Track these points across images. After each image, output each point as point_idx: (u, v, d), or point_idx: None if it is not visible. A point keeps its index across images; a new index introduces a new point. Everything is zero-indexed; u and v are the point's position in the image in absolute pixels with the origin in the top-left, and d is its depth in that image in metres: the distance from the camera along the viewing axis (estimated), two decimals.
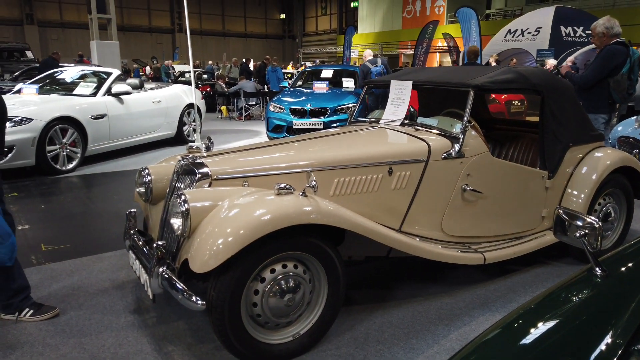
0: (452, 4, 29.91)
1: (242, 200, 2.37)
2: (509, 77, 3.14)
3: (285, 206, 2.28)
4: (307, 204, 2.32)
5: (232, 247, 2.16)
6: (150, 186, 2.99)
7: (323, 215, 2.34)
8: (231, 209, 2.31)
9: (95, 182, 6.25)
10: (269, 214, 2.23)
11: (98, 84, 7.42)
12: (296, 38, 44.58)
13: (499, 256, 3.09)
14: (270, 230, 2.20)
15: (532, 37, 20.74)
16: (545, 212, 3.41)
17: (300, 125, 8.64)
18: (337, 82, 10.12)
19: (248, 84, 12.92)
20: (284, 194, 2.34)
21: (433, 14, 30.47)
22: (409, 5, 32.51)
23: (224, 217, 2.28)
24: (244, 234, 2.17)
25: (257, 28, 43.79)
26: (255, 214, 2.24)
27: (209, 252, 2.18)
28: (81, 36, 30.60)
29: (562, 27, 20.05)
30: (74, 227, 4.50)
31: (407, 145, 3.00)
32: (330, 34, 40.96)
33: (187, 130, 9.07)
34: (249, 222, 2.20)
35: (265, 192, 2.44)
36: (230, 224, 2.23)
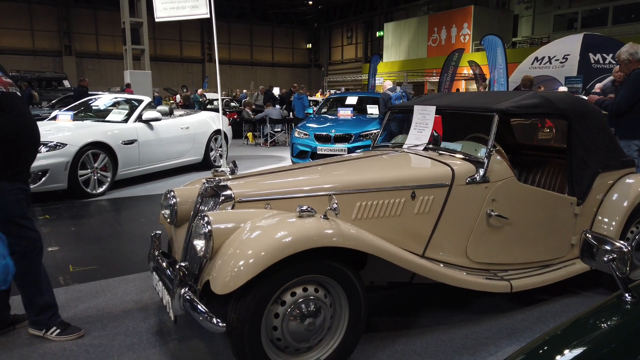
0: (477, 33, 29.99)
1: (263, 223, 2.38)
2: (534, 101, 3.11)
3: (306, 229, 2.28)
4: (328, 226, 2.32)
5: (253, 270, 2.16)
6: (175, 208, 3.04)
7: (344, 238, 2.33)
8: (253, 231, 2.33)
9: (123, 206, 6.38)
10: (290, 236, 2.23)
11: (130, 110, 7.65)
12: (322, 67, 45.26)
13: (527, 284, 3.00)
14: (291, 253, 2.20)
15: (559, 64, 20.55)
16: (575, 240, 3.31)
17: (324, 151, 8.69)
18: (362, 108, 10.20)
19: (274, 110, 13.12)
20: (305, 217, 2.35)
21: (458, 42, 30.59)
22: (434, 34, 32.75)
23: (245, 239, 2.30)
24: (265, 256, 2.18)
25: (284, 57, 44.69)
26: (277, 236, 2.24)
27: (230, 274, 2.19)
28: (115, 66, 31.76)
29: (590, 54, 19.81)
30: (102, 249, 4.58)
31: (431, 169, 2.98)
32: (356, 63, 41.47)
33: (213, 155, 9.22)
34: (270, 244, 2.21)
35: (287, 214, 2.45)
36: (251, 246, 2.24)
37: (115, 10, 20.04)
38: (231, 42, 41.33)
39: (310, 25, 45.00)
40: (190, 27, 38.96)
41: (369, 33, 40.72)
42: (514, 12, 32.10)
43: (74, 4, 33.55)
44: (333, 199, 2.38)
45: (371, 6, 39.51)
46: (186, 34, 39.46)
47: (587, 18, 27.12)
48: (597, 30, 22.96)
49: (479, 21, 30.39)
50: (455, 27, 31.39)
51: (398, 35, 35.00)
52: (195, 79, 37.09)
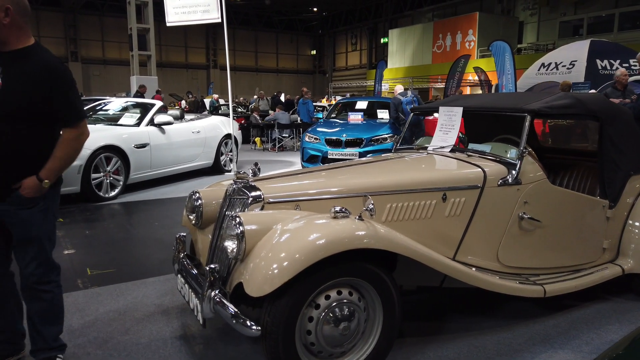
0: (482, 39, 29.99)
1: (297, 224, 2.32)
2: (565, 102, 3.05)
3: (341, 230, 2.22)
4: (363, 228, 2.26)
5: (288, 272, 2.10)
6: (201, 210, 2.98)
7: (380, 240, 2.27)
8: (286, 233, 2.27)
9: (136, 209, 6.33)
10: (325, 238, 2.17)
11: (141, 114, 7.62)
12: (326, 73, 45.32)
13: (560, 289, 2.93)
14: (326, 255, 2.14)
15: (566, 70, 20.46)
16: (607, 244, 3.24)
17: (335, 156, 8.64)
18: (371, 113, 10.15)
19: (283, 115, 13.10)
20: (340, 218, 2.29)
21: (463, 49, 30.57)
22: (439, 40, 32.77)
23: (279, 241, 2.24)
24: (300, 259, 2.12)
25: (288, 64, 44.80)
26: (311, 238, 2.18)
27: (264, 277, 2.13)
28: (121, 72, 31.88)
29: (597, 61, 19.72)
30: (118, 253, 4.53)
31: (461, 171, 2.92)
32: (360, 69, 41.52)
33: (224, 160, 9.18)
34: (305, 246, 2.15)
35: (320, 215, 2.39)
36: (286, 248, 2.18)
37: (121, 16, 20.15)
38: (236, 49, 41.45)
39: (314, 32, 45.13)
40: (195, 34, 39.13)
41: (373, 39, 40.79)
42: (519, 19, 32.09)
43: (81, 10, 33.72)
44: (369, 200, 2.32)
45: (376, 13, 39.62)
46: (191, 41, 39.61)
47: (592, 25, 27.08)
48: (603, 36, 22.90)
49: (484, 27, 30.39)
50: (460, 33, 31.41)
51: (403, 42, 35.05)
52: (200, 85, 37.20)
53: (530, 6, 31.44)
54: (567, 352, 2.72)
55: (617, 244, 3.28)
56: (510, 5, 32.52)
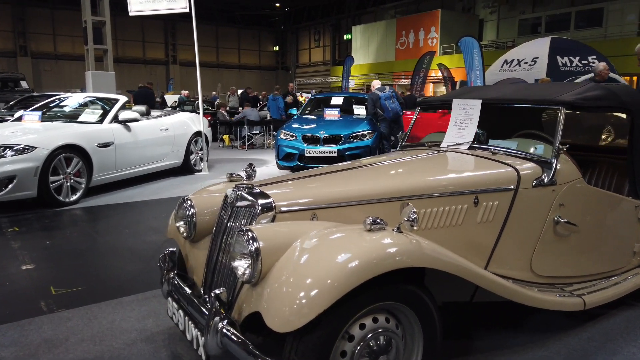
0: (445, 36, 30.27)
1: (323, 240, 1.93)
2: (598, 93, 2.78)
3: (380, 247, 1.84)
4: (406, 243, 1.89)
5: (321, 303, 1.71)
6: (194, 220, 2.54)
7: (426, 258, 1.91)
8: (312, 251, 1.87)
9: (101, 215, 5.75)
10: (363, 258, 1.78)
11: (104, 111, 6.99)
12: (289, 69, 44.79)
13: (599, 300, 2.65)
14: (365, 280, 1.76)
15: (528, 67, 20.80)
16: (638, 247, 3.01)
17: (313, 153, 8.27)
18: (346, 109, 9.81)
19: (252, 112, 12.59)
20: (375, 231, 1.91)
21: (426, 46, 30.75)
22: (402, 37, 32.86)
23: (304, 262, 1.84)
24: (334, 286, 1.72)
25: (250, 60, 43.99)
26: (345, 258, 1.79)
27: (290, 307, 1.72)
28: (75, 68, 30.38)
29: (558, 57, 20.13)
30: (85, 266, 3.99)
31: (493, 171, 2.60)
32: (324, 65, 41.21)
33: (194, 159, 8.63)
34: (340, 270, 1.75)
35: (349, 228, 2.01)
36: (314, 271, 1.78)
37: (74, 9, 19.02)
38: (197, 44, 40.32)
39: (277, 28, 44.49)
40: (153, 28, 37.83)
41: (336, 36, 40.56)
42: (480, 17, 32.56)
43: (30, 3, 31.85)
44: (409, 208, 1.94)
45: (339, 9, 39.37)
46: (149, 35, 38.24)
47: (550, 23, 27.71)
48: (561, 34, 23.44)
49: (446, 25, 30.66)
50: (423, 30, 31.59)
51: (366, 39, 34.96)
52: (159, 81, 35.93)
53: (490, 4, 31.94)
54: None
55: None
56: (471, 3, 32.97)
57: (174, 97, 20.51)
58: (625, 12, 25.03)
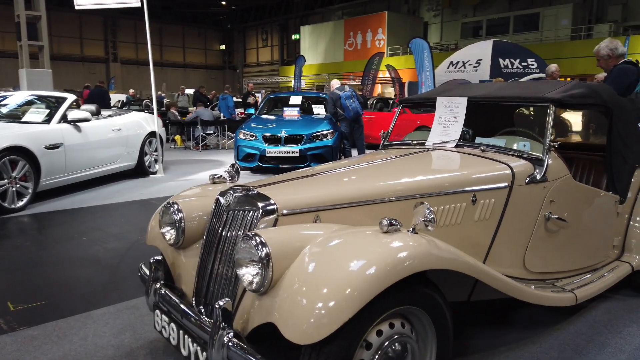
0: (391, 38, 30.83)
1: (337, 244, 1.82)
2: (583, 91, 2.84)
3: (399, 250, 1.76)
4: (424, 245, 1.82)
5: (342, 314, 1.60)
6: (183, 225, 2.36)
7: (445, 260, 1.85)
8: (326, 257, 1.76)
9: (53, 222, 5.34)
10: (382, 263, 1.69)
11: (51, 110, 6.52)
12: (237, 69, 44.15)
13: (589, 294, 2.71)
14: (386, 286, 1.67)
15: (473, 68, 21.58)
16: (617, 241, 3.10)
17: (274, 154, 8.13)
18: (307, 109, 9.73)
19: (205, 112, 12.23)
20: (392, 232, 1.83)
21: (374, 47, 31.20)
22: (350, 38, 33.17)
23: (319, 269, 1.72)
24: (354, 295, 1.61)
25: (196, 58, 42.99)
26: (366, 264, 1.69)
27: (308, 319, 1.60)
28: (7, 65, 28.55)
29: (500, 59, 21.01)
30: (44, 278, 3.67)
31: (488, 169, 2.59)
32: (272, 65, 40.92)
33: (148, 160, 8.24)
34: (361, 276, 1.65)
35: (362, 230, 1.92)
36: (330, 278, 1.67)
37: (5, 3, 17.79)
38: (138, 42, 38.94)
39: (223, 26, 43.73)
40: (91, 24, 36.18)
41: (284, 36, 40.39)
42: (424, 19, 33.41)
43: None
44: (424, 206, 1.87)
45: (286, 9, 39.21)
46: (87, 32, 36.51)
47: (490, 26, 28.82)
48: (501, 37, 24.40)
49: (393, 27, 31.25)
50: (371, 31, 32.03)
51: (315, 39, 35.02)
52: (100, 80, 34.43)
53: (433, 7, 32.86)
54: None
55: (623, 241, 3.16)
56: (416, 6, 33.76)
57: (116, 96, 19.69)
58: (559, 17, 26.42)
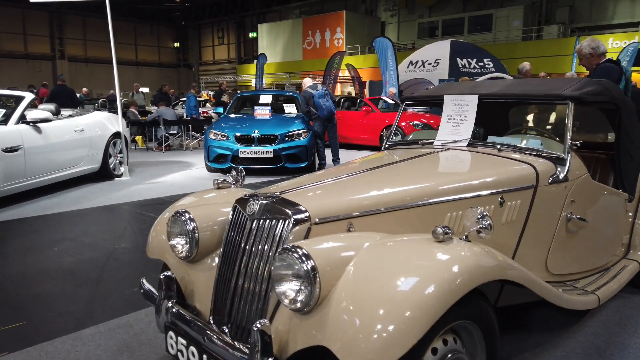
0: (350, 37, 30.93)
1: (392, 256, 1.66)
2: (597, 88, 2.80)
3: (462, 263, 1.62)
4: (483, 254, 1.69)
5: (406, 340, 1.44)
6: (197, 237, 2.13)
7: (505, 270, 1.75)
8: (382, 270, 1.59)
9: (16, 232, 4.90)
10: (448, 279, 1.54)
11: (8, 110, 6.02)
12: (192, 67, 43.13)
13: (608, 294, 2.67)
14: (452, 303, 1.53)
15: (432, 67, 21.98)
16: (626, 239, 3.10)
17: (247, 154, 7.88)
18: (277, 107, 9.51)
19: (168, 111, 11.76)
20: (446, 241, 1.69)
21: (333, 46, 31.21)
22: (309, 37, 33.05)
23: (377, 284, 1.55)
24: (422, 317, 1.46)
25: (149, 56, 41.66)
26: (427, 280, 1.53)
27: (367, 344, 1.43)
28: None
29: (458, 59, 21.49)
30: (17, 296, 3.32)
31: (513, 169, 2.50)
32: (229, 63, 40.23)
33: (112, 163, 7.79)
34: (424, 295, 1.49)
35: (413, 238, 1.77)
36: (393, 297, 1.50)
37: None
38: (87, 38, 37.37)
39: (177, 23, 42.57)
40: (36, 20, 34.38)
41: (241, 34, 39.77)
42: (382, 19, 33.71)
43: None
44: (477, 211, 1.75)
45: (242, 7, 38.61)
46: (31, 28, 34.65)
47: (446, 27, 29.42)
48: (456, 38, 24.95)
49: (351, 26, 31.36)
50: (329, 30, 32.01)
51: (273, 37, 34.67)
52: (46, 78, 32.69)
53: (390, 7, 33.20)
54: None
55: (629, 239, 3.16)
56: (373, 6, 34.02)
57: None
58: (511, 18, 27.24)
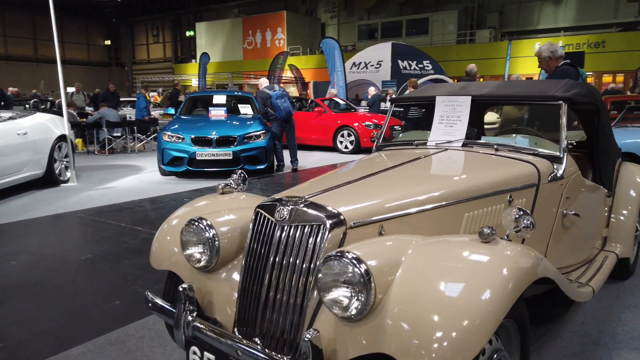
0: (291, 37, 30.90)
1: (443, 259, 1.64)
2: (583, 90, 2.93)
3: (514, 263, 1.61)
4: (528, 254, 1.72)
5: (472, 347, 1.43)
6: (217, 245, 2.01)
7: (545, 269, 1.77)
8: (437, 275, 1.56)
9: None
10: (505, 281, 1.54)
11: None
12: (125, 66, 41.36)
13: (599, 285, 2.80)
14: (511, 306, 1.53)
15: (375, 69, 22.43)
16: (605, 232, 3.28)
17: (205, 156, 7.64)
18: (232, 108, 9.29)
19: (111, 112, 11.17)
20: (491, 242, 1.69)
21: (274, 46, 31.06)
22: (249, 36, 32.66)
23: (431, 289, 1.52)
24: (486, 322, 1.45)
25: (78, 54, 39.51)
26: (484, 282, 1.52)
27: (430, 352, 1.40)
28: None
29: (399, 61, 22.07)
30: None
31: (517, 168, 2.56)
32: (165, 63, 38.98)
33: (58, 168, 7.28)
34: (483, 300, 1.47)
35: (458, 239, 1.77)
36: (452, 303, 1.47)
37: None
38: (7, 35, 34.91)
39: (108, 20, 40.64)
40: None
41: (177, 32, 38.64)
42: (322, 20, 33.93)
43: None
44: (515, 210, 1.76)
45: (178, 4, 37.53)
46: None
47: (385, 29, 30.12)
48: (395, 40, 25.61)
49: (292, 26, 31.33)
50: (270, 31, 31.81)
51: (212, 36, 33.95)
52: None
53: (330, 9, 33.50)
54: (628, 352, 2.60)
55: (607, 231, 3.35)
56: (313, 7, 34.18)
57: None
58: (446, 22, 28.32)
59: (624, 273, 3.48)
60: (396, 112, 3.61)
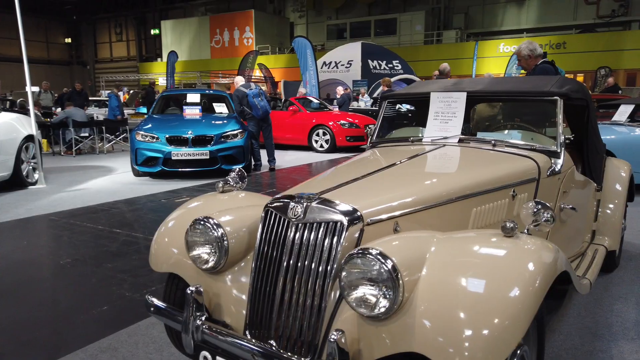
0: (259, 37, 30.66)
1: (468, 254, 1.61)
2: (574, 86, 2.97)
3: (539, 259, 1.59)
4: (550, 248, 1.70)
5: (504, 348, 1.40)
6: (226, 244, 1.93)
7: (567, 263, 1.77)
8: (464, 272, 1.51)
9: None
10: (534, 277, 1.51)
11: None
12: (87, 64, 40.14)
13: (594, 278, 2.85)
14: (541, 301, 1.51)
15: (345, 69, 22.52)
16: (594, 226, 3.35)
17: (181, 156, 7.45)
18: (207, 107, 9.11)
19: (78, 112, 10.78)
20: (514, 236, 1.67)
21: (242, 45, 30.75)
22: (216, 35, 32.23)
23: (460, 286, 1.48)
24: (507, 326, 1.40)
25: (36, 52, 38.06)
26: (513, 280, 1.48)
27: (461, 354, 1.37)
28: None
29: (369, 61, 22.23)
30: None
31: (519, 163, 2.57)
32: (129, 61, 38.03)
33: (25, 169, 6.96)
34: (510, 300, 1.44)
35: (481, 234, 1.75)
36: (482, 301, 1.43)
37: None
38: None
39: (69, 18, 39.34)
40: None
41: (142, 30, 37.76)
42: (290, 20, 33.79)
43: None
44: (533, 204, 1.76)
45: (142, 2, 36.68)
46: None
47: (354, 29, 30.21)
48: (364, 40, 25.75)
49: (260, 25, 31.08)
50: (238, 29, 31.47)
51: (178, 35, 33.34)
52: None
53: (298, 8, 33.39)
54: (626, 343, 2.65)
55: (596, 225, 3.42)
56: (281, 6, 33.99)
57: None
58: (413, 23, 28.65)
59: (611, 265, 3.57)
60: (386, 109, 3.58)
